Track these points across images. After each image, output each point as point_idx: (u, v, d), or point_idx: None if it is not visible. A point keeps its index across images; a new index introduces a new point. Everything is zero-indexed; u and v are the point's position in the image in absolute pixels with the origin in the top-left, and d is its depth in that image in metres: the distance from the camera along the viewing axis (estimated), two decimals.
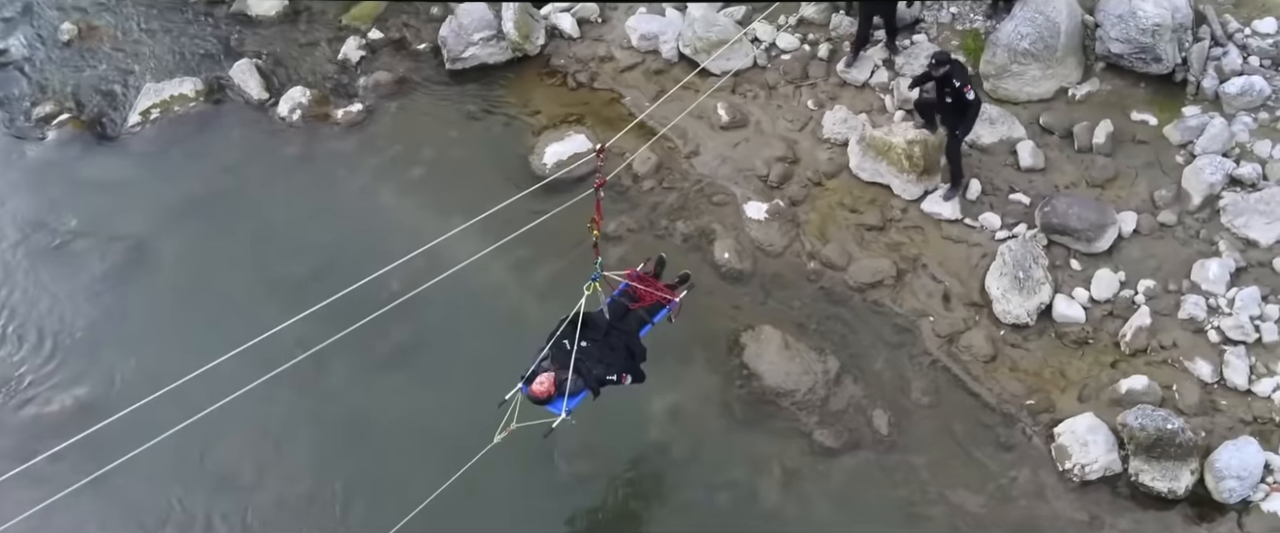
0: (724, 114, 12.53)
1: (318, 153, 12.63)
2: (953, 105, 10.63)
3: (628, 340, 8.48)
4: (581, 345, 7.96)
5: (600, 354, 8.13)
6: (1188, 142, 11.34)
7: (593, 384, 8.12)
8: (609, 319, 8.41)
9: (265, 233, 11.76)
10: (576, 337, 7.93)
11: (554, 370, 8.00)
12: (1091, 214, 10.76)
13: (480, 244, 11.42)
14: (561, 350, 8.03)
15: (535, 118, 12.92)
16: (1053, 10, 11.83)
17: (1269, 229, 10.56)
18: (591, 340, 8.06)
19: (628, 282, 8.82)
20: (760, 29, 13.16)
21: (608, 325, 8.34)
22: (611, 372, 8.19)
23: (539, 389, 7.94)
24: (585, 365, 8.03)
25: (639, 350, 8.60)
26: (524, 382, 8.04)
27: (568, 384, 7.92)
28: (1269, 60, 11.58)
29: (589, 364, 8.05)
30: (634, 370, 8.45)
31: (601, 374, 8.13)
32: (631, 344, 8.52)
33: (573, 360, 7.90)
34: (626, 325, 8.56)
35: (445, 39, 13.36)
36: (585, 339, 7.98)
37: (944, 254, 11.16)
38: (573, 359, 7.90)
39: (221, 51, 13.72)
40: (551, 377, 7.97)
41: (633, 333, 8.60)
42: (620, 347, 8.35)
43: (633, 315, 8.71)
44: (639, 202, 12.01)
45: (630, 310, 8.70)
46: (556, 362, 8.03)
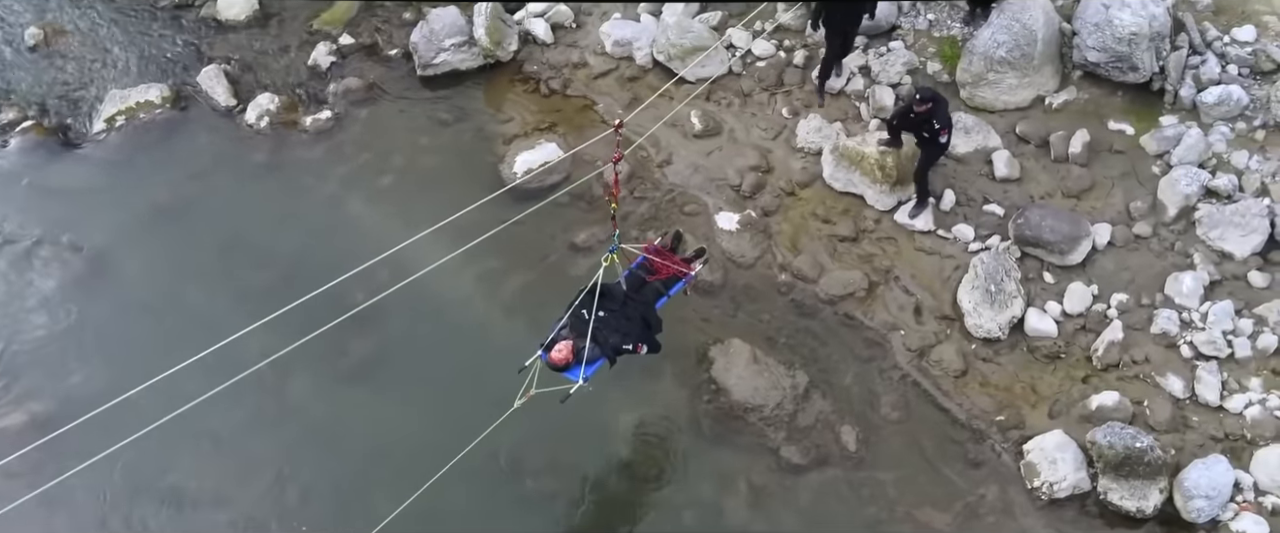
0: (697, 122, 12.46)
1: (285, 161, 12.54)
2: (928, 140, 10.54)
3: (644, 311, 8.72)
4: (599, 315, 8.18)
5: (617, 324, 8.35)
6: (1164, 152, 11.28)
7: (609, 353, 8.34)
8: (626, 290, 8.67)
9: (231, 242, 11.66)
10: (594, 307, 8.14)
11: (572, 339, 8.22)
12: (1065, 226, 10.70)
13: (447, 254, 11.48)
14: (579, 320, 8.27)
15: (506, 125, 12.83)
16: (1030, 18, 11.76)
17: (1244, 241, 10.52)
18: (609, 311, 8.28)
19: (645, 255, 9.05)
20: (736, 35, 13.07)
21: (625, 296, 8.59)
22: (628, 341, 8.42)
23: (557, 357, 8.18)
24: (602, 334, 8.25)
25: (655, 321, 8.82)
26: (543, 349, 8.27)
27: (585, 352, 8.14)
28: (1247, 69, 11.51)
29: (606, 333, 8.27)
30: (650, 340, 8.67)
31: (618, 343, 8.35)
32: (648, 315, 8.75)
33: (590, 329, 8.14)
34: (643, 297, 8.80)
35: (416, 45, 13.27)
36: (603, 309, 8.19)
37: (916, 266, 11.10)
38: (590, 328, 8.14)
39: (190, 57, 13.60)
40: (569, 345, 8.19)
41: (649, 304, 8.83)
42: (637, 317, 8.58)
43: (649, 287, 8.94)
44: (609, 212, 11.90)
45: (647, 282, 8.95)
46: (574, 330, 8.27)
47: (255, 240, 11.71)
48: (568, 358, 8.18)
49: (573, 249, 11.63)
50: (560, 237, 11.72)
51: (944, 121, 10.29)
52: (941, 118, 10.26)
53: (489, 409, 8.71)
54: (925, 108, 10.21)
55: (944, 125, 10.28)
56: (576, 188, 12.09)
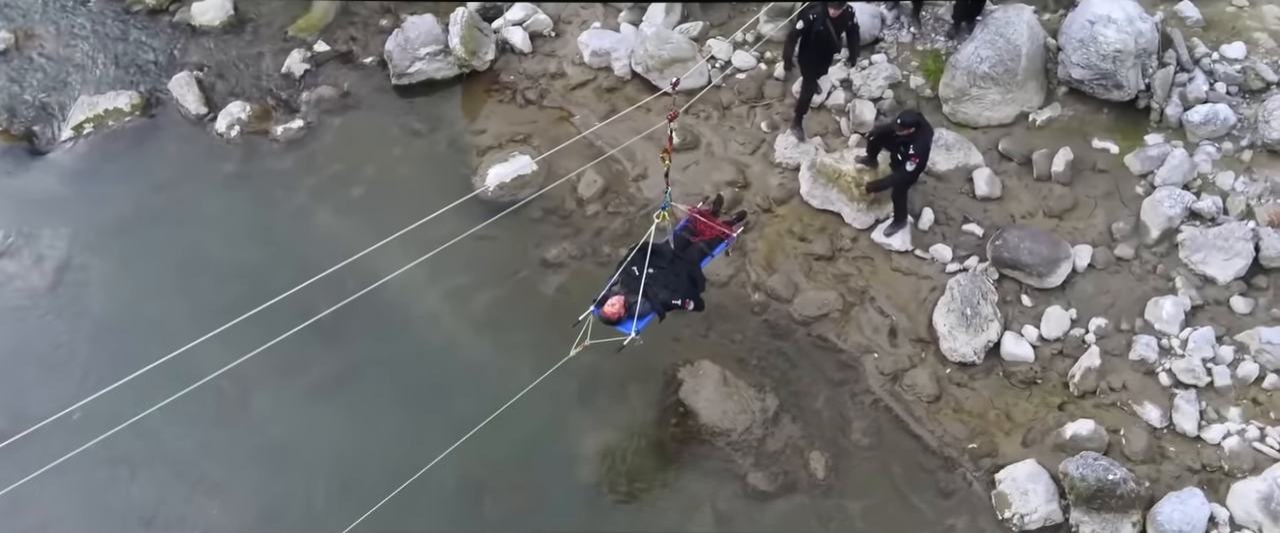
0: (674, 135, 12.26)
1: (255, 171, 12.42)
2: (899, 163, 10.37)
3: (690, 270, 9.24)
4: (649, 272, 8.68)
5: (666, 280, 8.86)
6: (1148, 172, 11.11)
7: (659, 307, 8.87)
8: (673, 250, 9.14)
9: (196, 255, 11.55)
10: (645, 264, 8.63)
11: (624, 294, 8.75)
12: (1043, 249, 10.53)
13: (416, 270, 11.35)
14: (631, 276, 8.80)
15: (480, 137, 12.68)
16: (1014, 33, 11.59)
17: (1227, 266, 10.34)
18: (658, 268, 8.80)
19: (690, 216, 9.59)
20: (716, 46, 12.92)
21: (672, 255, 9.10)
22: (676, 296, 8.93)
23: (610, 311, 8.72)
24: (652, 290, 8.73)
25: (700, 279, 9.37)
26: (595, 304, 8.80)
27: (636, 307, 8.67)
28: (1236, 87, 11.32)
29: (656, 289, 8.76)
30: (696, 297, 9.19)
31: (667, 298, 8.87)
32: (693, 273, 9.28)
33: (642, 285, 8.60)
34: (689, 256, 9.31)
35: (391, 53, 13.13)
36: (653, 266, 8.71)
37: (893, 287, 10.94)
38: (642, 284, 8.61)
39: (163, 63, 13.47)
40: (621, 300, 8.73)
41: (694, 263, 9.36)
42: (684, 275, 9.11)
43: (694, 247, 9.45)
44: (582, 226, 11.79)
45: (691, 243, 9.45)
46: (626, 286, 8.81)
47: (221, 253, 11.59)
48: (620, 312, 8.71)
49: (543, 265, 11.49)
50: (531, 252, 11.59)
51: (920, 150, 10.10)
52: (919, 146, 10.08)
53: (452, 428, 8.68)
54: (907, 132, 10.05)
55: (918, 153, 10.09)
56: (549, 202, 12.03)
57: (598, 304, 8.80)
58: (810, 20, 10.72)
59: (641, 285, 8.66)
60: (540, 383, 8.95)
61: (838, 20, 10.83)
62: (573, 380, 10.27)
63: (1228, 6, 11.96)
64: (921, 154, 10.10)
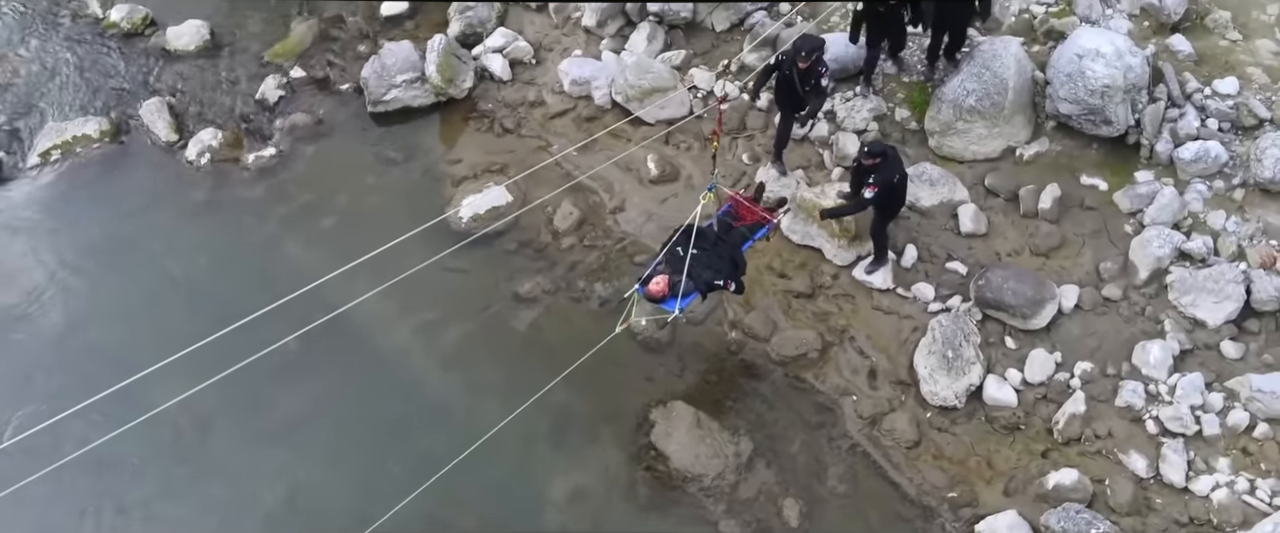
0: (654, 167, 12.09)
1: (225, 199, 12.23)
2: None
3: (732, 252, 9.54)
4: (693, 252, 9.02)
5: (709, 261, 9.18)
6: (1137, 210, 10.83)
7: (702, 287, 9.23)
8: (716, 233, 9.47)
9: (160, 286, 11.36)
10: (690, 245, 8.98)
11: (668, 274, 9.11)
12: (1028, 289, 10.26)
13: (386, 303, 11.13)
14: (675, 256, 9.17)
15: (456, 166, 12.48)
16: (1000, 66, 11.35)
17: (1217, 309, 10.04)
18: (701, 249, 9.11)
19: (732, 201, 10.00)
20: (698, 76, 12.73)
21: (716, 237, 9.42)
22: (718, 277, 9.23)
23: (655, 289, 9.11)
24: (696, 270, 9.08)
25: (741, 262, 9.67)
26: (640, 283, 9.22)
27: (680, 286, 9.00)
28: (1228, 123, 11.06)
29: (699, 269, 9.10)
30: (737, 278, 9.49)
31: (710, 278, 9.20)
32: (735, 256, 9.57)
33: (686, 265, 8.99)
34: (731, 239, 9.66)
35: (367, 80, 12.95)
36: (696, 248, 9.04)
37: (873, 326, 10.68)
38: (686, 264, 8.99)
39: (136, 87, 13.32)
40: (666, 279, 9.09)
41: (736, 246, 9.67)
42: (726, 257, 9.41)
43: (736, 231, 9.81)
44: (557, 260, 11.56)
45: (733, 227, 9.82)
46: (670, 266, 9.17)
47: (187, 284, 11.40)
48: (664, 291, 9.08)
49: (516, 300, 11.25)
50: (503, 286, 11.36)
51: (881, 180, 9.79)
52: (881, 176, 9.79)
53: (419, 469, 8.60)
54: (872, 162, 9.82)
55: (878, 183, 9.80)
56: (524, 234, 11.82)
57: (642, 283, 9.20)
58: (780, 62, 10.49)
59: (686, 265, 9.02)
60: (510, 423, 8.78)
61: (803, 72, 10.50)
62: (543, 420, 10.07)
63: (1221, 40, 11.72)
64: (882, 184, 9.79)
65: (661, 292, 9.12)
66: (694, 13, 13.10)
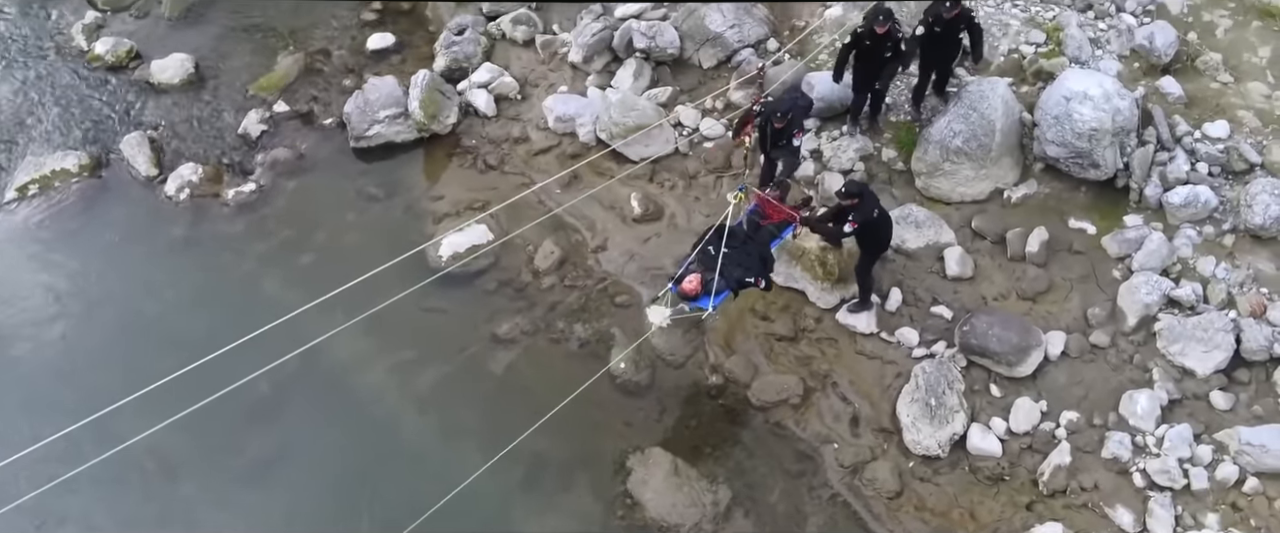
0: (637, 206, 11.95)
1: (204, 235, 12.12)
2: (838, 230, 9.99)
3: (761, 250, 9.76)
4: (724, 251, 9.24)
5: (739, 259, 9.40)
6: (1126, 255, 10.66)
7: (733, 285, 9.45)
8: (746, 231, 9.69)
9: (134, 324, 11.22)
10: (722, 244, 9.22)
11: (701, 272, 9.33)
12: (1013, 336, 10.07)
13: (362, 343, 11.00)
14: (707, 255, 9.43)
15: (438, 203, 12.36)
16: (987, 107, 11.22)
17: (1206, 358, 9.84)
18: (732, 248, 9.33)
19: (758, 201, 10.15)
20: (684, 113, 12.60)
21: (745, 236, 9.62)
22: (749, 275, 9.46)
23: (688, 287, 9.32)
24: (727, 268, 9.29)
25: (770, 260, 9.93)
26: (674, 282, 9.47)
27: (713, 284, 9.21)
28: (1218, 167, 10.91)
29: (730, 267, 9.32)
30: (766, 277, 9.74)
31: (741, 276, 9.44)
32: (764, 254, 9.80)
33: (718, 264, 9.22)
34: (760, 237, 9.87)
35: (349, 115, 12.87)
36: (727, 246, 9.27)
37: (856, 371, 10.49)
38: (718, 263, 9.22)
39: (118, 121, 13.25)
40: (698, 277, 9.31)
41: (765, 244, 9.88)
42: (755, 255, 9.63)
43: (764, 230, 10.00)
44: (537, 300, 11.41)
45: (762, 226, 10.00)
46: (703, 264, 9.41)
47: (162, 322, 11.25)
48: (697, 288, 9.29)
49: (494, 341, 11.09)
50: (482, 327, 11.20)
51: (859, 217, 9.64)
52: (859, 214, 9.64)
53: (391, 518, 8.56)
54: (850, 202, 9.67)
55: (856, 220, 9.64)
56: (504, 273, 11.68)
57: (676, 282, 9.43)
58: (763, 111, 10.36)
59: (718, 264, 9.23)
60: (486, 469, 8.64)
61: (777, 131, 10.37)
62: (518, 466, 9.87)
63: (1212, 83, 11.59)
64: (860, 221, 9.64)
65: (695, 289, 9.34)
66: (681, 50, 13.01)
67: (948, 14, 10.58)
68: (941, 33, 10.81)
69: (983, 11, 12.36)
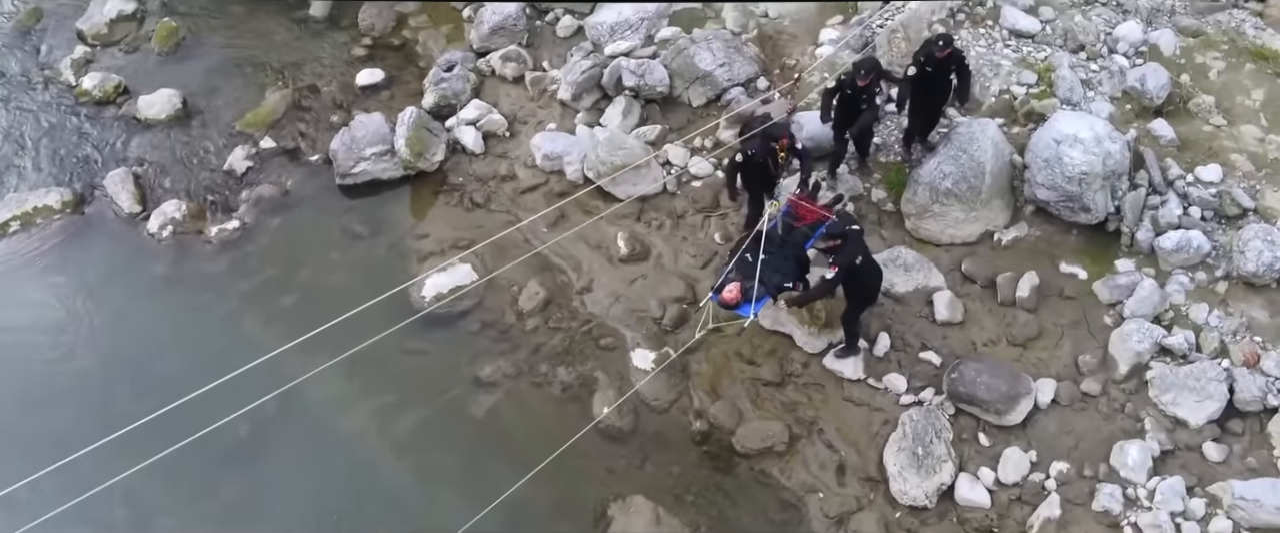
0: (624, 246, 11.82)
1: (186, 274, 12.01)
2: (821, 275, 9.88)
3: (797, 253, 9.95)
4: (763, 258, 9.35)
5: (777, 265, 9.56)
6: (1117, 301, 10.51)
7: (773, 290, 9.60)
8: (780, 235, 9.85)
9: (112, 365, 11.09)
10: (759, 251, 9.38)
11: (739, 280, 9.55)
12: (1002, 384, 9.90)
13: (343, 385, 10.86)
14: (745, 263, 9.61)
15: (423, 242, 12.25)
16: (977, 149, 11.11)
17: (1199, 408, 9.66)
18: (768, 253, 9.49)
19: (791, 203, 10.27)
20: (672, 152, 12.50)
21: (780, 240, 9.78)
22: (787, 279, 9.64)
23: (729, 296, 9.56)
24: (766, 274, 9.39)
25: (806, 262, 10.11)
26: (714, 291, 9.75)
27: (754, 291, 9.39)
28: (1211, 212, 10.77)
29: (768, 273, 9.43)
30: (804, 278, 9.96)
31: (779, 281, 9.60)
32: (800, 256, 10.00)
33: (758, 271, 9.32)
34: (794, 240, 10.03)
35: (336, 152, 12.78)
36: (764, 253, 9.42)
37: (843, 418, 10.32)
38: (758, 270, 9.33)
39: (103, 157, 13.18)
40: (738, 285, 9.53)
41: (799, 247, 10.04)
42: (792, 258, 9.82)
43: (798, 232, 10.17)
44: (520, 342, 11.26)
45: (795, 228, 10.16)
46: (741, 272, 9.61)
47: (140, 364, 11.12)
48: (737, 297, 9.52)
49: (476, 384, 10.94)
50: (464, 369, 11.05)
51: (841, 261, 9.50)
52: (840, 257, 9.50)
53: None
54: (833, 244, 9.57)
55: (837, 263, 9.51)
56: (488, 314, 11.55)
57: (716, 291, 9.67)
58: (749, 155, 10.27)
59: (758, 270, 9.32)
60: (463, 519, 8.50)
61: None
62: (498, 513, 9.63)
63: (1204, 126, 11.49)
64: (842, 266, 9.49)
65: (735, 298, 9.52)
66: (670, 88, 12.93)
67: (939, 54, 10.50)
68: (933, 73, 10.73)
69: (974, 51, 12.30)
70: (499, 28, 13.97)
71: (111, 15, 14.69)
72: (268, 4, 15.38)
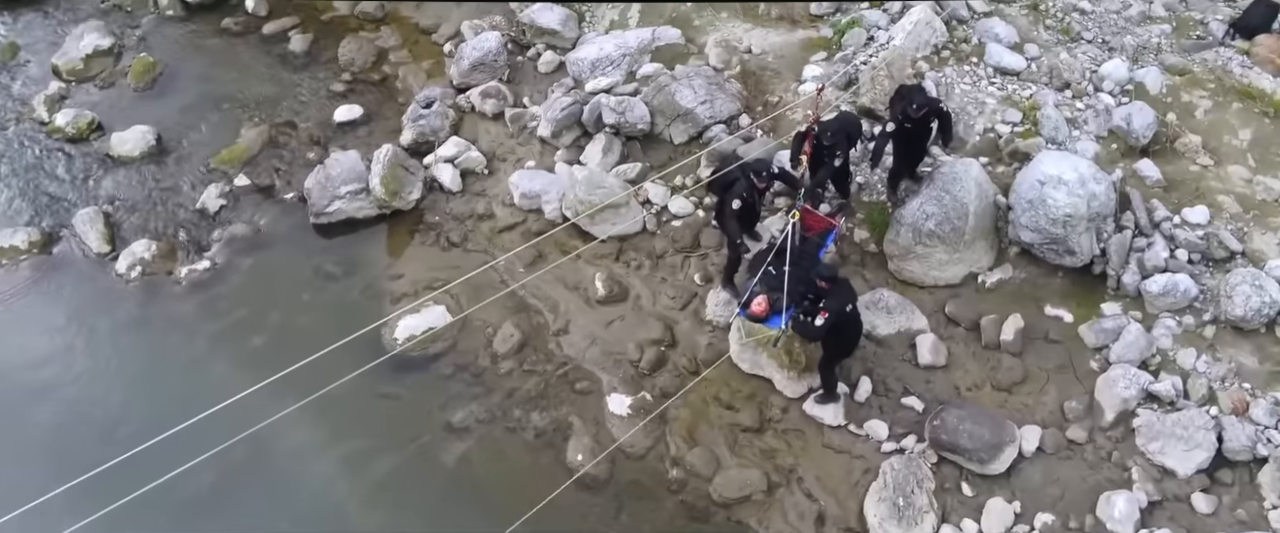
0: (601, 287, 11.64)
1: (154, 315, 11.80)
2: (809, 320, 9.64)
3: (814, 263, 9.95)
4: (787, 269, 9.40)
5: (798, 275, 9.51)
6: (1104, 345, 10.33)
7: (797, 301, 9.59)
8: (799, 246, 9.77)
9: (74, 409, 10.85)
10: (784, 263, 9.41)
11: (766, 293, 9.66)
12: (985, 432, 9.69)
13: (312, 431, 10.61)
14: (769, 276, 9.70)
15: (397, 282, 12.05)
16: (961, 190, 10.96)
17: (1187, 458, 9.45)
18: (792, 265, 9.45)
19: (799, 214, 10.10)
20: (653, 191, 12.34)
21: (799, 251, 9.69)
22: (811, 290, 9.57)
23: (757, 309, 9.70)
24: (792, 285, 9.43)
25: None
26: (741, 307, 9.90)
27: (782, 302, 9.53)
28: (1198, 255, 10.61)
29: (794, 284, 9.48)
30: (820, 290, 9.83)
31: (804, 292, 9.58)
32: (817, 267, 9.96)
33: (785, 283, 9.42)
34: (808, 250, 10.10)
35: (310, 190, 12.61)
36: (788, 265, 9.44)
37: (823, 466, 10.09)
38: (785, 281, 9.41)
39: (74, 195, 13.00)
40: (765, 298, 9.67)
41: (813, 256, 10.12)
42: (810, 269, 9.75)
43: (810, 241, 10.30)
44: (494, 386, 11.05)
45: (807, 238, 10.23)
46: (767, 285, 9.72)
47: (103, 408, 10.89)
48: (765, 310, 9.67)
49: (448, 430, 10.72)
50: (437, 415, 10.84)
51: (832, 306, 9.32)
52: (831, 301, 9.32)
53: None
54: (825, 285, 9.40)
55: (828, 308, 9.31)
56: (461, 357, 11.33)
57: (743, 306, 9.81)
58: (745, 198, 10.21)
59: (785, 283, 9.39)
60: None
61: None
62: None
63: (1191, 165, 11.36)
64: (831, 311, 9.30)
65: (763, 311, 9.64)
66: (651, 125, 12.79)
67: (916, 114, 10.41)
68: (912, 128, 10.63)
69: (959, 89, 12.19)
70: (479, 63, 13.87)
71: (87, 50, 14.57)
72: (247, 38, 15.31)
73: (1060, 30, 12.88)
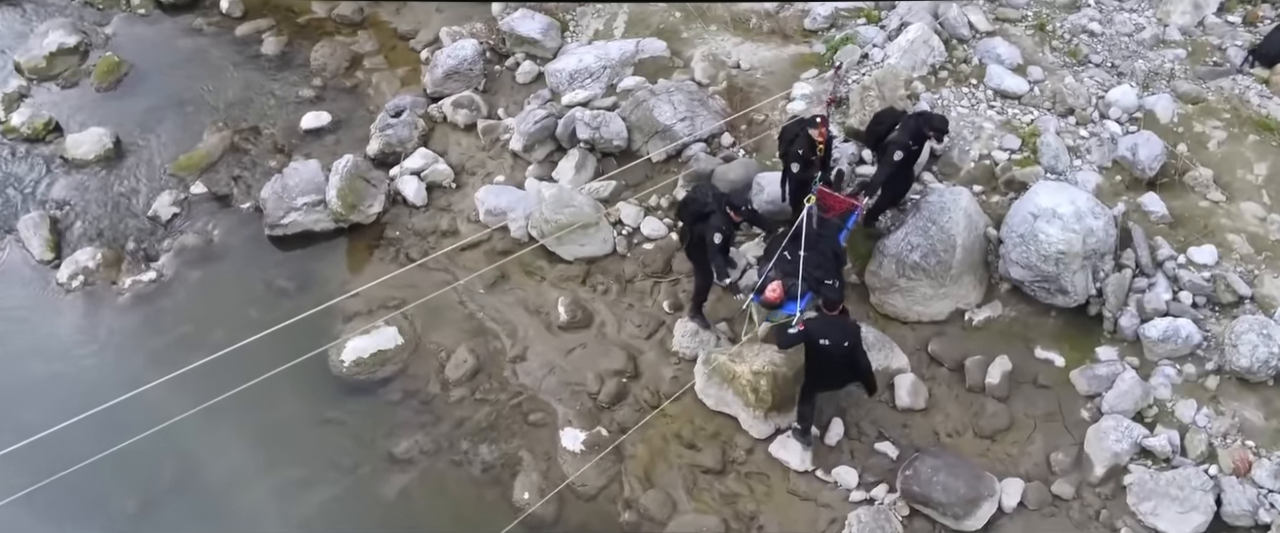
0: (564, 312, 11.11)
1: (92, 328, 11.38)
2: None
3: (833, 246, 9.82)
4: (802, 255, 9.19)
5: (815, 261, 9.34)
6: (1096, 393, 9.70)
7: (813, 286, 9.40)
8: (816, 229, 9.51)
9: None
10: (799, 248, 9.20)
11: (781, 279, 9.39)
12: (961, 486, 9.07)
13: (247, 457, 10.17)
14: (785, 261, 9.46)
15: (350, 300, 11.50)
16: (948, 221, 10.37)
17: (1182, 521, 8.82)
18: (807, 250, 9.26)
19: (819, 195, 9.94)
20: (625, 211, 11.82)
21: (816, 235, 9.46)
22: (828, 276, 9.48)
23: (771, 295, 9.40)
24: (807, 271, 9.25)
25: (842, 255, 10.07)
26: (756, 293, 9.57)
27: (797, 288, 9.27)
28: (1203, 298, 9.95)
29: (809, 269, 9.28)
30: (841, 276, 9.89)
31: (820, 277, 9.43)
32: (836, 250, 9.88)
33: (801, 269, 9.21)
34: (827, 232, 9.83)
35: (266, 200, 12.18)
36: (804, 249, 9.21)
37: (787, 515, 9.51)
38: (801, 267, 9.20)
39: (23, 199, 12.62)
40: (780, 284, 9.38)
41: (833, 239, 9.90)
42: (829, 252, 9.66)
43: (829, 224, 10.02)
44: (443, 414, 10.55)
45: (826, 219, 9.97)
46: (782, 271, 9.45)
47: (22, 429, 10.24)
48: (780, 296, 9.36)
49: (390, 461, 10.22)
50: (379, 444, 10.34)
51: (810, 326, 8.83)
52: (813, 323, 8.82)
53: None
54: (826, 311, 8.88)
55: (805, 324, 8.81)
56: (411, 383, 10.84)
57: (758, 292, 9.50)
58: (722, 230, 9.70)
59: (801, 269, 9.18)
60: None
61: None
62: None
63: (1201, 201, 10.72)
64: (808, 330, 8.80)
65: (778, 297, 9.34)
66: (629, 141, 12.29)
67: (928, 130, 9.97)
68: (917, 149, 10.18)
69: (956, 111, 11.61)
70: (454, 72, 13.44)
71: (51, 48, 14.26)
72: (220, 40, 14.96)
73: (1067, 52, 12.27)
